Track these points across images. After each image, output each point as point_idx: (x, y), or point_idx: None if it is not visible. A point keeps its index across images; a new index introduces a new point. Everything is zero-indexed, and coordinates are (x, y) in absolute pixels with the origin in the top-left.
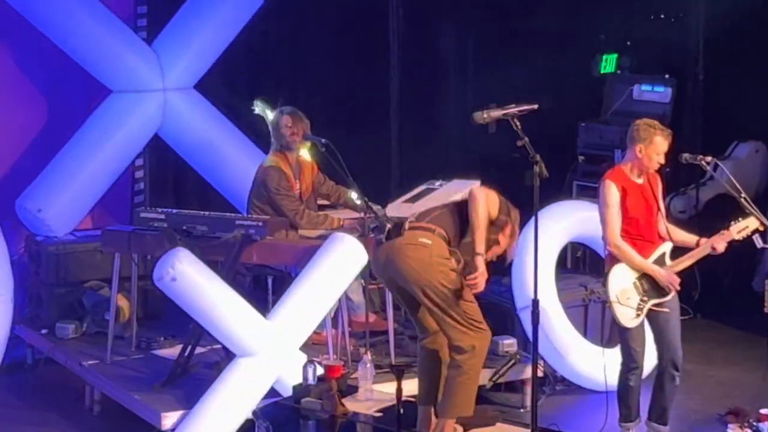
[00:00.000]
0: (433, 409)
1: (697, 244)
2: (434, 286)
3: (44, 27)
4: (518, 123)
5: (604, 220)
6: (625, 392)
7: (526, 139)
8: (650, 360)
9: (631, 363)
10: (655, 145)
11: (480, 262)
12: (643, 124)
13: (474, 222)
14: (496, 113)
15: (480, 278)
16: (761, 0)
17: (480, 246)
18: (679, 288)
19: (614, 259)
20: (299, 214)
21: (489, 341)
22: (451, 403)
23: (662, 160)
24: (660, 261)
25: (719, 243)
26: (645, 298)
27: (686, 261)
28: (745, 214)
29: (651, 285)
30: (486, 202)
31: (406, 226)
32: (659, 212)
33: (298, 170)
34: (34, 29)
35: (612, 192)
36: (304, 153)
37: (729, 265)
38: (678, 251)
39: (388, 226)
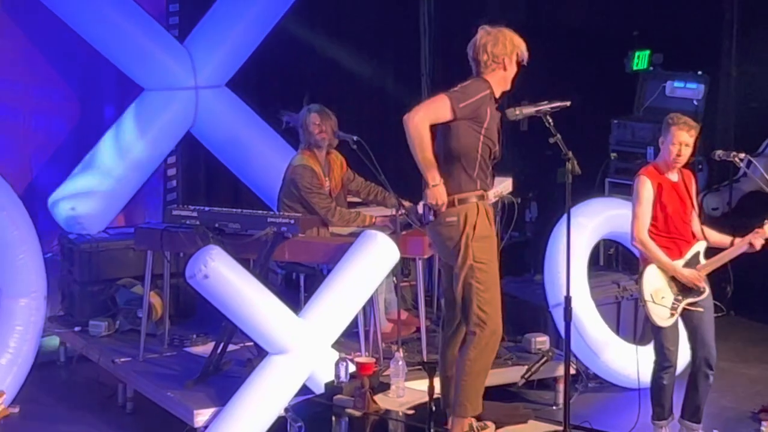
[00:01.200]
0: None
1: (731, 244)
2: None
3: (77, 25)
4: (550, 120)
5: (633, 215)
6: (658, 390)
7: (559, 136)
8: (683, 357)
9: (664, 362)
10: (671, 136)
11: (431, 192)
12: (666, 118)
13: (416, 160)
14: (529, 110)
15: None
16: None
17: (430, 177)
18: (701, 284)
19: (648, 258)
20: (331, 211)
21: (494, 337)
22: (457, 401)
23: (682, 152)
24: (694, 260)
25: (756, 239)
26: (679, 298)
27: (720, 260)
28: None
29: (685, 284)
30: (417, 126)
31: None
32: (693, 211)
33: (327, 168)
34: (67, 28)
35: (646, 188)
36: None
37: (762, 263)
38: (711, 251)
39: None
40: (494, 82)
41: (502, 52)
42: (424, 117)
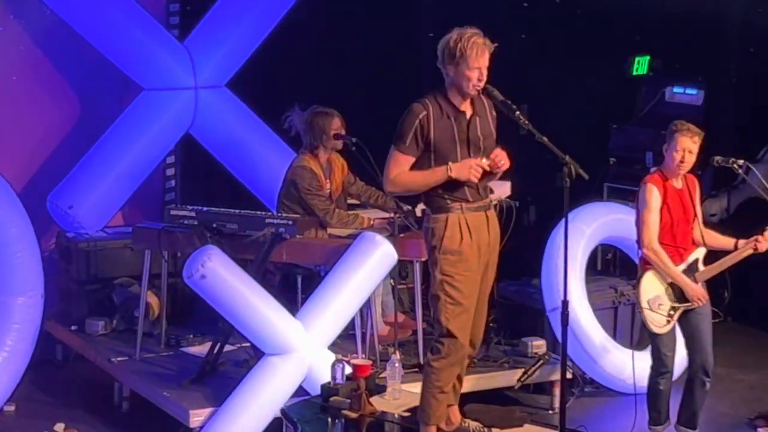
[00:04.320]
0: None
1: (735, 246)
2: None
3: (77, 24)
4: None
5: (643, 222)
6: (654, 396)
7: (545, 138)
8: (680, 363)
9: (661, 367)
10: (674, 142)
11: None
12: (670, 125)
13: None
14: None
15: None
16: None
17: (443, 173)
18: (706, 302)
19: (647, 264)
20: (329, 213)
21: (461, 351)
22: (422, 409)
23: (686, 159)
24: (693, 267)
25: (762, 243)
26: (676, 305)
27: (719, 267)
28: None
29: (683, 292)
30: (395, 185)
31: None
32: (695, 218)
33: (328, 170)
34: (67, 26)
35: (654, 195)
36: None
37: (760, 269)
38: (711, 256)
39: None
40: (450, 90)
41: (441, 59)
42: (393, 178)
